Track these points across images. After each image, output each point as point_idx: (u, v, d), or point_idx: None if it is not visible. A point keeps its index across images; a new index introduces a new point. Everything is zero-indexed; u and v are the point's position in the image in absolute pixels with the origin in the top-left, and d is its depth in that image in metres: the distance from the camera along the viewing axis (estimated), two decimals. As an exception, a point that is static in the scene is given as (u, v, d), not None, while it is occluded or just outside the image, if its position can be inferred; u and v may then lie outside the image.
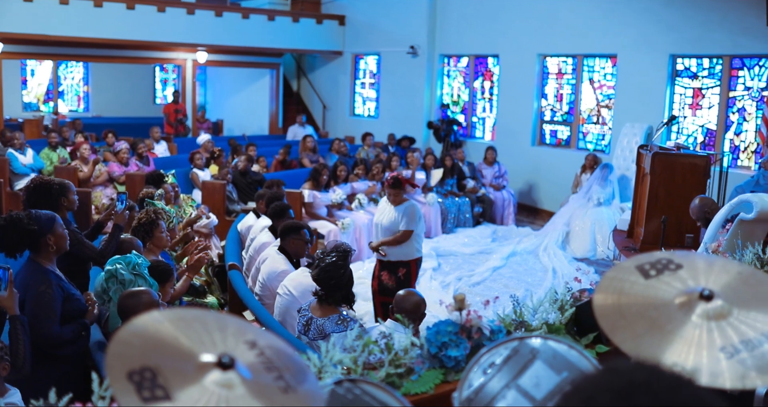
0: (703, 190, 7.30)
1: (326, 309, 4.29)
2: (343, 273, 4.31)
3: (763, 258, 4.07)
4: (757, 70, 9.86)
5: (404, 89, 14.93)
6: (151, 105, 19.68)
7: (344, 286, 4.31)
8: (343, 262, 4.34)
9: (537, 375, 1.99)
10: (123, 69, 18.20)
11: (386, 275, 6.53)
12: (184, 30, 14.34)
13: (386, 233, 6.43)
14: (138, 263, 4.10)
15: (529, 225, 11.59)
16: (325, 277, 4.28)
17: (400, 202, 6.45)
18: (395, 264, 6.53)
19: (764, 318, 2.02)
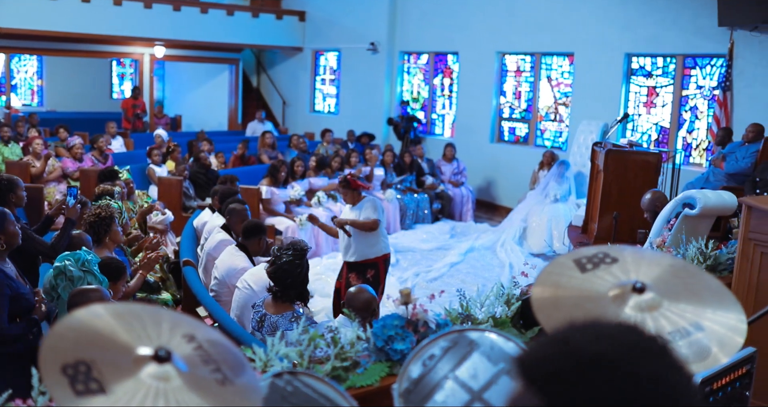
0: (655, 186, 7.45)
1: (280, 306, 4.30)
2: (299, 272, 4.32)
3: (705, 253, 4.18)
4: (709, 69, 10.08)
5: (364, 86, 14.95)
6: (108, 100, 19.41)
7: (300, 284, 4.32)
8: (299, 260, 4.36)
9: (475, 367, 2.04)
10: (79, 63, 17.91)
11: (354, 276, 6.53)
12: (141, 24, 14.16)
13: (353, 231, 6.41)
14: (87, 260, 4.06)
15: (488, 221, 11.70)
16: (281, 275, 4.29)
17: (356, 200, 6.47)
18: (363, 265, 6.51)
19: (693, 309, 2.09)
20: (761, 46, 9.13)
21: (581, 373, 1.11)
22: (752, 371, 2.90)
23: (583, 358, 1.13)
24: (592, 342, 1.15)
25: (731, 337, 2.01)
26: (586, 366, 1.12)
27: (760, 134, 8.32)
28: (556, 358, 1.15)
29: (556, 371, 1.13)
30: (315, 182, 10.11)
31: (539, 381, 1.14)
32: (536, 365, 1.16)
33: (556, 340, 1.19)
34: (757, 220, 3.69)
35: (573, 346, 1.15)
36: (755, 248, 3.69)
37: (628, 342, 1.16)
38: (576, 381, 1.11)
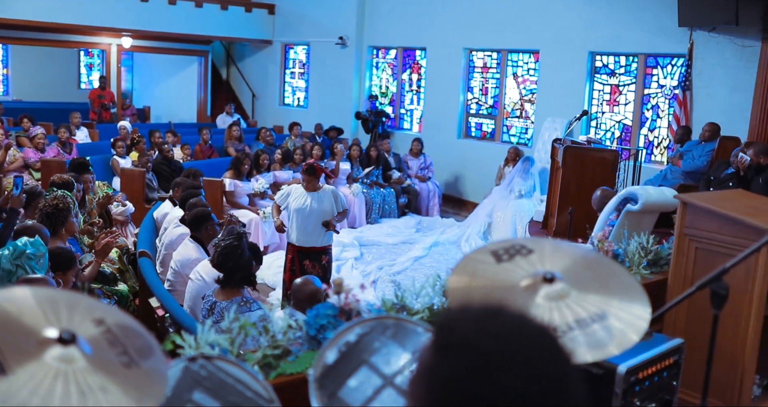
0: (612, 183, 7.59)
1: (228, 292, 4.35)
2: (240, 254, 4.36)
3: (646, 248, 4.28)
4: (670, 68, 10.24)
5: (333, 80, 14.97)
6: (76, 90, 19.22)
7: (243, 267, 4.37)
8: (238, 243, 4.40)
9: (389, 353, 2.10)
10: (46, 52, 17.71)
11: (309, 263, 6.62)
12: (109, 14, 14.02)
13: (316, 215, 6.54)
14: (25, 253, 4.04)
15: (454, 216, 11.80)
16: (223, 260, 4.35)
17: (316, 188, 6.57)
18: (319, 252, 6.65)
19: (599, 300, 2.17)
20: (719, 47, 9.30)
21: (465, 370, 1.11)
22: (680, 362, 2.99)
23: (468, 355, 1.12)
24: (476, 338, 1.13)
25: (628, 333, 2.09)
26: (469, 362, 1.11)
27: (716, 133, 8.48)
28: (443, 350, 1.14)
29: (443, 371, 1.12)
30: (280, 175, 10.13)
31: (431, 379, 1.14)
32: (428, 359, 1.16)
33: (443, 329, 1.19)
34: (692, 216, 3.79)
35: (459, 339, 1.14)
36: (690, 243, 3.79)
37: (513, 334, 1.14)
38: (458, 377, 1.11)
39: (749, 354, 3.46)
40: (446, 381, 1.11)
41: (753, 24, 8.71)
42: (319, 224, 6.56)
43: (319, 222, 6.55)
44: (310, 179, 6.55)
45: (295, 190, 6.72)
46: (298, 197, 6.64)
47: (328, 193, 6.63)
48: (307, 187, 6.60)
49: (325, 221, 6.58)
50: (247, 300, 4.26)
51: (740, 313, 3.48)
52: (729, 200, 3.91)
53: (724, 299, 2.63)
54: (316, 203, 6.55)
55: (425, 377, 1.15)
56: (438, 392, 1.12)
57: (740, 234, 3.52)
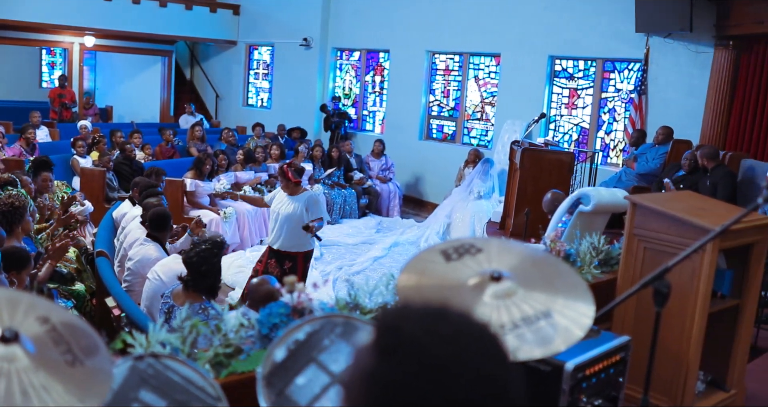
0: (568, 185, 7.72)
1: (189, 296, 4.31)
2: (216, 262, 4.33)
3: (598, 247, 4.37)
4: (627, 73, 10.43)
5: (297, 81, 14.96)
6: (37, 89, 18.91)
7: (213, 276, 4.33)
8: (218, 251, 4.37)
9: (337, 352, 2.14)
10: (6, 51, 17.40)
11: (273, 263, 6.63)
12: (71, 13, 13.84)
13: (287, 221, 6.51)
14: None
15: (415, 217, 11.87)
16: (198, 261, 4.29)
17: (295, 192, 6.56)
18: (284, 256, 6.64)
19: (545, 298, 2.23)
20: (674, 53, 9.50)
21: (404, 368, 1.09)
22: (627, 359, 3.06)
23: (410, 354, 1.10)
24: (420, 337, 1.11)
25: (573, 329, 2.16)
26: (409, 360, 1.09)
27: (669, 136, 8.67)
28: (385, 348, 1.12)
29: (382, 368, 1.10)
30: (241, 176, 10.10)
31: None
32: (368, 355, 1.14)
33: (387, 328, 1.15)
34: (641, 216, 3.88)
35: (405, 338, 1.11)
36: (639, 243, 3.88)
37: (458, 335, 1.12)
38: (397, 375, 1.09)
39: (693, 351, 3.56)
40: (390, 385, 1.08)
41: (706, 31, 8.92)
42: (287, 230, 6.51)
43: (287, 226, 6.50)
44: (286, 183, 6.55)
45: (278, 192, 6.75)
46: (279, 198, 6.67)
47: (302, 199, 6.55)
48: (285, 189, 6.60)
49: (305, 225, 6.53)
50: (205, 307, 4.23)
51: (685, 311, 3.57)
52: (677, 201, 4.01)
53: (666, 297, 2.71)
54: (287, 207, 6.51)
55: (366, 380, 1.12)
56: (380, 395, 1.09)
57: (687, 234, 3.61)
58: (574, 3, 10.58)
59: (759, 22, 8.16)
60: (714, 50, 8.97)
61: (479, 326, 1.15)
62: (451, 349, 1.09)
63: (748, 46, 8.74)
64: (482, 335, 1.14)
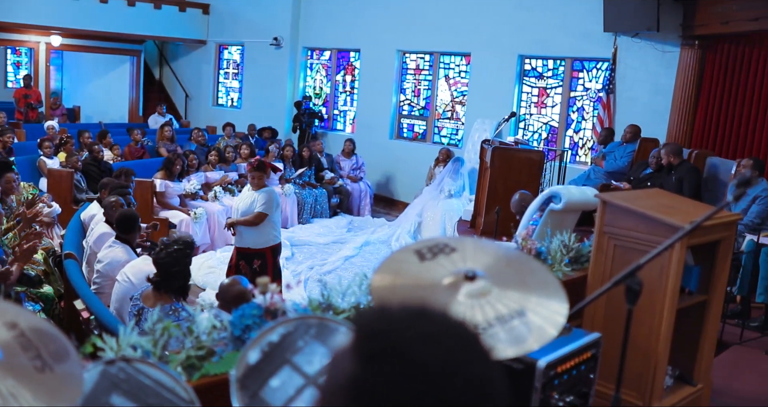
0: (538, 183, 7.78)
1: (159, 298, 4.27)
2: (186, 262, 4.28)
3: (568, 245, 4.41)
4: (595, 72, 10.54)
5: (267, 80, 14.89)
6: (2, 89, 18.60)
7: (183, 276, 4.28)
8: (189, 251, 4.32)
9: (311, 353, 2.13)
10: (-31, 50, 17.14)
11: (243, 264, 6.58)
12: (37, 11, 13.63)
13: (242, 215, 6.50)
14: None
15: (385, 216, 11.89)
16: (169, 261, 4.24)
17: (261, 186, 6.51)
18: (252, 254, 6.58)
19: (518, 296, 2.25)
20: (641, 53, 9.62)
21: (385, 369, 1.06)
22: (597, 355, 3.09)
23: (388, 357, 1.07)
24: (401, 339, 1.08)
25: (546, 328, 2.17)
26: (391, 363, 1.06)
27: (636, 134, 8.77)
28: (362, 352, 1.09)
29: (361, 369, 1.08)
30: (211, 176, 10.04)
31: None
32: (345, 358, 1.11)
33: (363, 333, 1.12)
34: (611, 214, 3.92)
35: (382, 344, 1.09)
36: (609, 241, 3.92)
37: (440, 336, 1.09)
38: (381, 379, 1.06)
39: (662, 347, 3.60)
40: (373, 389, 1.05)
41: (673, 30, 9.05)
42: (247, 227, 6.48)
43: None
44: (260, 176, 6.46)
45: (246, 190, 6.69)
46: (239, 197, 6.65)
47: (262, 194, 6.51)
48: (252, 185, 6.53)
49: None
50: (176, 308, 4.19)
51: (654, 308, 3.62)
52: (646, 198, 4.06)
53: (638, 294, 2.74)
54: (243, 203, 6.49)
55: (347, 385, 1.08)
56: (363, 400, 1.06)
57: (656, 232, 3.65)
58: (544, 3, 10.66)
59: (724, 22, 8.29)
60: (680, 50, 9.09)
61: (460, 324, 1.13)
62: (434, 350, 1.06)
63: (713, 45, 8.87)
64: (464, 333, 1.12)
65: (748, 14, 7.96)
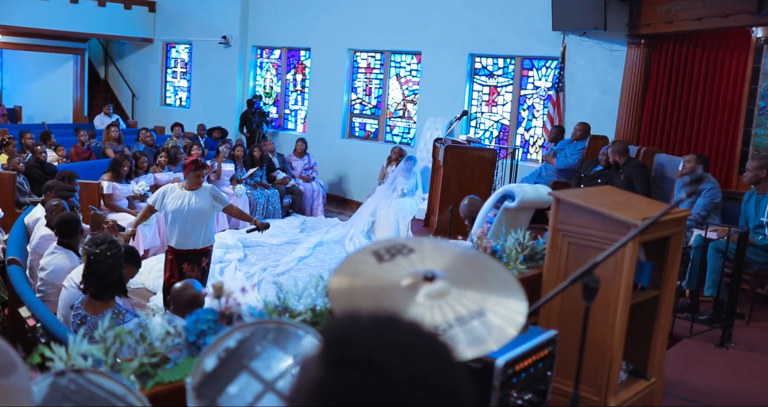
0: (491, 181, 7.83)
1: (100, 305, 4.13)
2: (113, 261, 4.13)
3: (523, 243, 4.43)
4: (544, 71, 10.66)
5: (216, 80, 14.70)
6: (-61, 90, 18.01)
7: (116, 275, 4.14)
8: (117, 249, 4.18)
9: (270, 358, 2.08)
10: None
11: (188, 266, 6.42)
12: (-26, 9, 13.25)
13: (201, 216, 6.31)
14: None
15: (338, 216, 11.84)
16: (105, 271, 4.10)
17: (198, 186, 6.37)
18: (199, 254, 6.44)
19: (478, 297, 2.23)
20: (589, 51, 9.76)
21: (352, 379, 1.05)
22: (554, 352, 3.11)
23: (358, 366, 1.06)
24: (366, 347, 1.08)
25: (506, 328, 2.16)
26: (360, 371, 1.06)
27: (586, 132, 8.90)
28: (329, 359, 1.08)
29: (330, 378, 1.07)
30: (160, 177, 9.85)
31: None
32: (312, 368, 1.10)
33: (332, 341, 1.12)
34: (565, 212, 3.94)
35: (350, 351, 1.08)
36: (563, 238, 3.95)
37: (409, 345, 1.09)
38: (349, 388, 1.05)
39: (617, 342, 3.64)
40: (340, 397, 1.05)
41: (619, 30, 9.20)
42: (199, 224, 6.32)
43: (198, 222, 6.31)
44: (200, 174, 6.32)
45: (171, 190, 6.40)
46: (175, 197, 6.32)
47: (207, 191, 6.39)
48: (190, 185, 6.33)
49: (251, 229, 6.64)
50: (120, 311, 4.06)
51: (609, 303, 3.65)
52: (598, 196, 4.10)
53: (595, 292, 2.75)
54: (195, 202, 6.29)
55: (314, 393, 1.07)
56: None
57: (608, 228, 3.69)
58: (493, 2, 10.74)
59: (669, 21, 8.46)
60: (627, 48, 9.25)
61: (429, 335, 1.13)
62: (402, 359, 1.06)
63: (659, 44, 9.05)
64: (433, 344, 1.11)
65: (692, 14, 8.14)
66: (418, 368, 1.06)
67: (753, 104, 8.47)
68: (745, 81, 8.50)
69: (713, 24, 7.96)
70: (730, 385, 4.87)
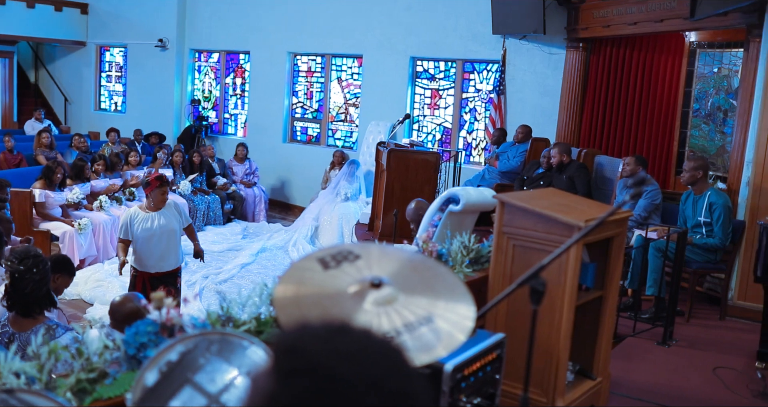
0: (435, 184, 7.83)
1: (28, 321, 3.88)
2: (36, 277, 3.86)
3: (468, 246, 4.42)
4: (486, 74, 10.74)
5: (153, 84, 14.39)
6: None
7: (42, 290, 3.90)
8: (43, 264, 3.93)
9: (213, 371, 2.01)
10: None
11: (165, 288, 6.15)
12: None
13: (173, 235, 6.07)
14: None
15: (281, 221, 11.72)
16: (32, 289, 3.83)
17: (165, 203, 6.08)
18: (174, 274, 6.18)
19: (426, 302, 2.19)
20: (529, 54, 9.87)
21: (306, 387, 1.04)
22: (502, 355, 3.10)
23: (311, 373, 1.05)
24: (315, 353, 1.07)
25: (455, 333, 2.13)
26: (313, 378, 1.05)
27: (528, 134, 8.99)
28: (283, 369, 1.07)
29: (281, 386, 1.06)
30: (96, 185, 9.57)
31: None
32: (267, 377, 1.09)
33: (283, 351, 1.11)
34: (509, 214, 3.95)
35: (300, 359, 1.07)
36: (508, 241, 3.95)
37: (361, 353, 1.09)
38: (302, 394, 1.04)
39: (563, 344, 3.66)
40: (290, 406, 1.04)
41: (558, 33, 9.34)
42: (172, 243, 6.03)
43: (171, 241, 6.01)
44: (165, 191, 6.00)
45: (135, 216, 5.99)
46: (142, 222, 5.95)
47: (172, 208, 6.11)
48: (156, 204, 5.98)
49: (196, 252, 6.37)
50: (50, 326, 3.83)
51: (555, 305, 3.67)
52: (542, 198, 4.12)
53: (542, 295, 2.74)
54: (164, 222, 5.97)
55: (268, 404, 1.06)
56: None
57: (552, 231, 3.71)
58: (434, 5, 10.78)
59: (606, 25, 8.62)
60: (566, 52, 9.39)
61: (381, 341, 1.12)
62: (354, 367, 1.05)
63: (596, 48, 9.21)
64: (385, 351, 1.11)
65: (628, 18, 8.31)
66: (371, 374, 1.06)
67: (688, 106, 8.70)
68: (680, 84, 8.73)
69: (648, 28, 8.14)
70: (673, 382, 4.96)
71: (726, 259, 6.44)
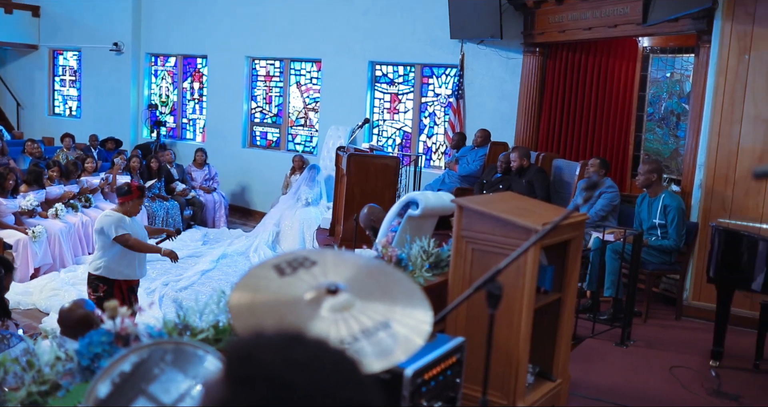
0: (395, 188, 7.85)
1: None
2: (3, 287, 3.87)
3: (428, 251, 4.43)
4: (444, 78, 10.80)
5: (109, 88, 14.16)
6: None
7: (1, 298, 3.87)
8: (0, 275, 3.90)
9: (168, 381, 1.97)
10: None
11: (135, 297, 6.18)
12: None
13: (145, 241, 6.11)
14: None
15: (242, 227, 11.62)
16: None
17: (138, 211, 6.14)
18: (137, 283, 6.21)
19: (383, 308, 2.19)
20: (487, 59, 9.95)
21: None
22: (462, 359, 3.10)
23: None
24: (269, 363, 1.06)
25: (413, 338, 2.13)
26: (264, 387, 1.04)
27: (487, 138, 9.06)
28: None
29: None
30: (51, 191, 9.38)
31: None
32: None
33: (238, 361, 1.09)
34: (468, 218, 3.96)
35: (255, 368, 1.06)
36: (467, 245, 3.97)
37: (314, 362, 1.08)
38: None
39: (523, 346, 3.68)
40: None
41: (515, 38, 9.42)
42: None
43: None
44: (142, 201, 6.06)
45: (122, 219, 5.85)
46: (129, 226, 5.87)
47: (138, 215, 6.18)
48: (134, 211, 5.94)
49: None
50: (4, 336, 3.79)
51: (513, 308, 3.69)
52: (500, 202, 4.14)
53: (499, 299, 2.76)
54: (140, 229, 6.05)
55: None
56: None
57: (511, 234, 3.73)
58: (392, 10, 10.80)
59: (561, 30, 8.73)
60: (523, 56, 9.48)
61: (336, 351, 1.13)
62: (308, 374, 1.05)
63: (553, 53, 9.32)
64: (339, 360, 1.11)
65: (582, 24, 8.43)
66: (324, 383, 1.05)
67: (642, 110, 8.85)
68: (634, 88, 8.88)
69: (603, 34, 8.26)
70: (632, 382, 5.03)
71: (681, 260, 6.56)
